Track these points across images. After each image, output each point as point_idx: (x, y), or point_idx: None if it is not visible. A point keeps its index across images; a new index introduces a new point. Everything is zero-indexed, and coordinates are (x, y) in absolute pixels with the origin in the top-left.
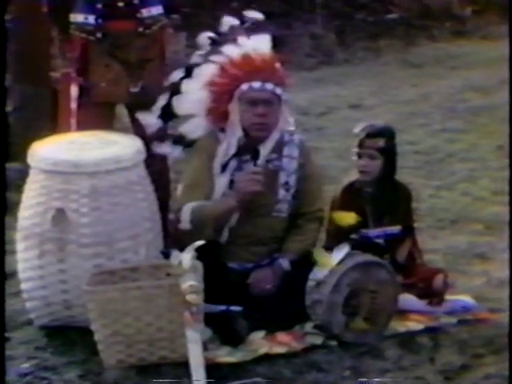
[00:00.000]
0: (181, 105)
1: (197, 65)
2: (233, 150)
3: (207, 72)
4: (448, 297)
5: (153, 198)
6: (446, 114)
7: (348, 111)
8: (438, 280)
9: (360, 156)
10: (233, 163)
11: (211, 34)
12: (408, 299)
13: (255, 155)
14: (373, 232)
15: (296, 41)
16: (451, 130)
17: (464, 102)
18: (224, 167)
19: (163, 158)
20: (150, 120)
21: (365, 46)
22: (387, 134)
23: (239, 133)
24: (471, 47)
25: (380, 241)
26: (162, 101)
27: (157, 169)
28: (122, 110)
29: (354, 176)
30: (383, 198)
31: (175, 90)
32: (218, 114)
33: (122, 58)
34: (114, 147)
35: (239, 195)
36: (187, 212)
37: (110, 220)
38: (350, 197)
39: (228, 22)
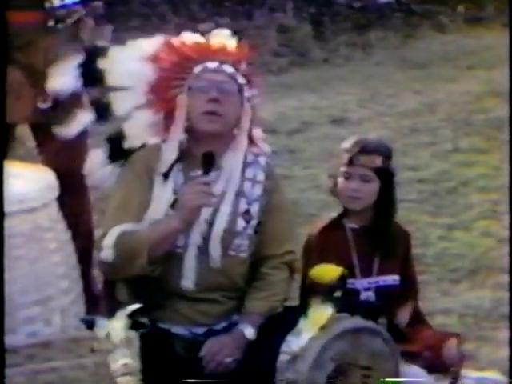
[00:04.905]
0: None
1: None
2: (174, 156)
3: (147, 43)
4: (468, 372)
5: (69, 249)
6: (459, 129)
7: (329, 127)
8: (450, 347)
9: (349, 177)
10: (178, 178)
11: None
12: (413, 373)
13: (207, 163)
14: (361, 283)
15: (259, 35)
16: (466, 151)
17: (483, 113)
18: (166, 177)
19: (83, 195)
20: (61, 82)
21: (350, 40)
22: (385, 151)
23: (182, 135)
24: (492, 39)
25: (370, 294)
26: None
27: (75, 209)
28: (25, 132)
29: (336, 211)
30: (375, 237)
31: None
32: (164, 103)
33: (25, 63)
34: (15, 182)
35: (184, 212)
36: (112, 236)
37: (11, 279)
38: (329, 238)
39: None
